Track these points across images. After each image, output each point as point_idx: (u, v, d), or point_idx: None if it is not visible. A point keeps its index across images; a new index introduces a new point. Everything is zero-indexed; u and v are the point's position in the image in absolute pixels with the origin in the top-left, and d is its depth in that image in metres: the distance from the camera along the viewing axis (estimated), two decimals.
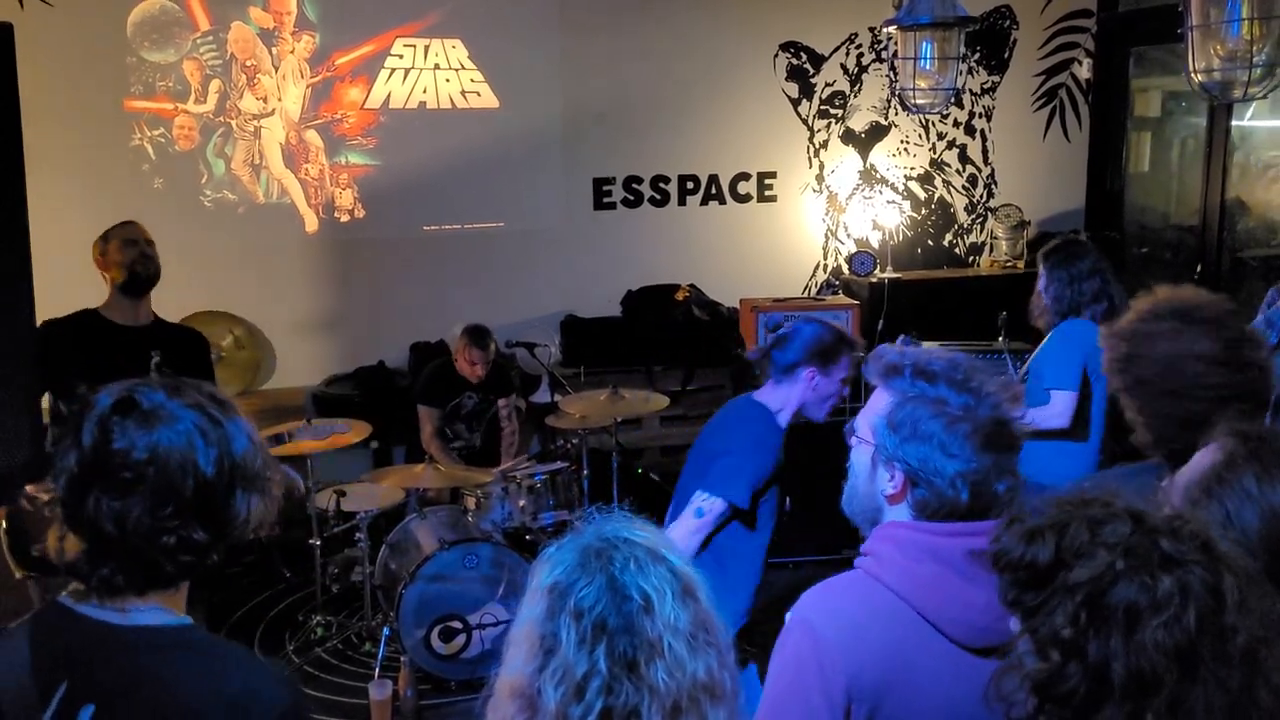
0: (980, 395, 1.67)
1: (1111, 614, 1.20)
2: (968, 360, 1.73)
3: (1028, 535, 1.29)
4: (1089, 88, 7.36)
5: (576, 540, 1.40)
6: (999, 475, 1.67)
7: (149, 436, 1.45)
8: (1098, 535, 1.24)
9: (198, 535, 1.47)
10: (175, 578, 1.51)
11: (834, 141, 7.12)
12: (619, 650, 1.30)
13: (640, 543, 1.38)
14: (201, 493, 1.46)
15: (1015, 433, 1.69)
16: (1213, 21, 3.04)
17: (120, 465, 1.44)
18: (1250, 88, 3.03)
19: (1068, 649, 1.23)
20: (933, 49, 4.01)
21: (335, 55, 6.25)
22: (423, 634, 4.46)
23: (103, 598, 1.49)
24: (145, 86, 5.98)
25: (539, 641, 1.33)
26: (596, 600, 1.32)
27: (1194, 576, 1.19)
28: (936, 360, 1.72)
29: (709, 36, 6.76)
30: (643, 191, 6.88)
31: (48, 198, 5.16)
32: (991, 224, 7.28)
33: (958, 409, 1.67)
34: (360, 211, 6.43)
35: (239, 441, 1.51)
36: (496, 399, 5.65)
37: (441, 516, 4.89)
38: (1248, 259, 6.49)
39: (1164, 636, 1.18)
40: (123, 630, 1.47)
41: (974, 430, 1.66)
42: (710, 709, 1.33)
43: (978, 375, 1.70)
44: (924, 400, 1.69)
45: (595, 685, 1.29)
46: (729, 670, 1.37)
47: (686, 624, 1.34)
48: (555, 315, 6.70)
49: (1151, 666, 1.18)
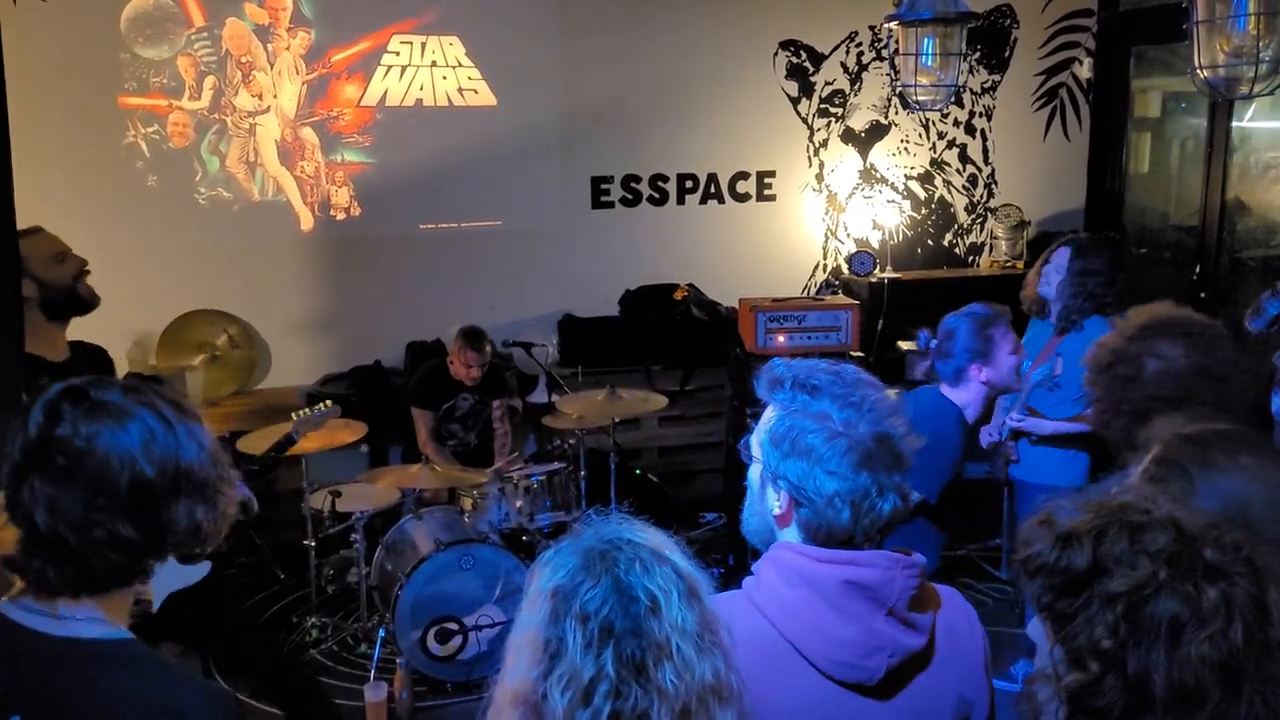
0: (863, 410, 1.60)
1: (1154, 626, 1.17)
2: (854, 373, 1.66)
3: (1062, 539, 1.25)
4: (1089, 87, 7.33)
5: (577, 543, 1.38)
6: (881, 494, 1.58)
7: (91, 427, 1.43)
8: (1138, 542, 1.20)
9: (128, 533, 1.43)
10: (105, 578, 1.48)
11: (834, 140, 7.09)
12: (627, 653, 1.28)
13: (643, 544, 1.36)
14: (137, 491, 1.43)
15: (901, 450, 1.60)
16: (1218, 17, 3.00)
17: (58, 451, 1.42)
18: (1256, 84, 3.00)
19: (1107, 660, 1.19)
20: (934, 45, 3.97)
21: (331, 52, 6.21)
22: (419, 635, 4.43)
23: (38, 596, 1.47)
24: (139, 83, 5.94)
25: (543, 646, 1.30)
26: (603, 603, 1.30)
27: (1239, 589, 1.16)
28: (821, 373, 1.65)
29: (708, 34, 6.73)
30: (641, 190, 6.85)
31: (39, 195, 5.12)
32: (991, 224, 7.26)
33: (839, 424, 1.59)
34: (356, 209, 6.39)
35: (188, 449, 1.48)
36: (491, 400, 5.62)
37: (438, 517, 4.86)
38: (1247, 259, 6.46)
39: (1209, 650, 1.15)
40: (56, 641, 1.45)
41: (853, 446, 1.57)
42: (719, 710, 1.31)
43: (862, 389, 1.62)
44: (805, 414, 1.62)
45: (603, 689, 1.26)
46: (735, 671, 1.35)
47: (693, 625, 1.32)
48: (553, 315, 6.66)
49: (1196, 681, 1.15)
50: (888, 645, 1.57)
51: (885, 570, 1.57)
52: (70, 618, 1.46)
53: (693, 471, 6.64)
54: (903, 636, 1.58)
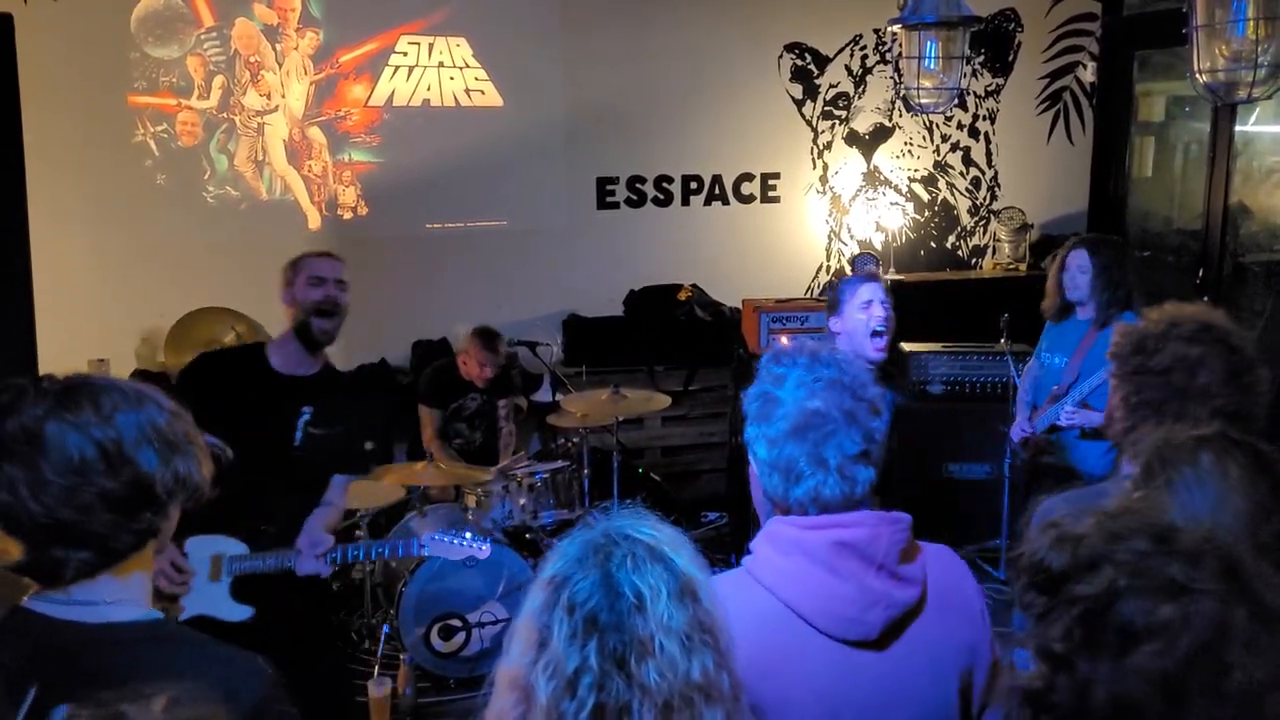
0: (816, 387, 1.64)
1: (1105, 634, 1.17)
2: (836, 357, 1.70)
3: (1056, 540, 1.26)
4: (1093, 91, 7.35)
5: (584, 534, 1.39)
6: (815, 469, 1.63)
7: (36, 409, 1.46)
8: (1112, 550, 1.20)
9: (112, 485, 1.46)
10: (114, 545, 1.49)
11: (838, 143, 7.11)
12: (609, 647, 1.29)
13: (642, 540, 1.37)
14: (105, 450, 1.46)
15: (841, 429, 1.63)
16: (1218, 21, 3.03)
17: (14, 439, 1.44)
18: (1255, 88, 3.03)
19: (1058, 662, 1.20)
20: (937, 48, 4.00)
21: (339, 52, 6.25)
22: (422, 632, 4.46)
23: (55, 586, 1.49)
24: (148, 82, 5.98)
25: (535, 634, 1.33)
26: (589, 595, 1.31)
27: (1199, 606, 1.14)
28: (804, 352, 1.70)
29: (713, 37, 6.76)
30: (646, 191, 6.88)
31: (49, 192, 5.17)
32: (994, 226, 7.27)
33: (789, 397, 1.65)
34: (363, 209, 6.43)
35: (148, 409, 1.52)
36: (498, 399, 5.64)
37: (442, 514, 4.89)
38: (1250, 264, 6.47)
39: (1150, 664, 1.14)
40: (91, 628, 1.47)
41: (786, 416, 1.64)
42: (705, 709, 1.31)
43: (832, 369, 1.67)
44: (768, 383, 1.69)
45: (587, 681, 1.28)
46: (728, 671, 1.35)
47: (681, 624, 1.32)
48: (558, 314, 6.69)
49: (1131, 693, 1.14)
50: (882, 599, 1.62)
51: (872, 529, 1.63)
52: (100, 602, 1.49)
53: (695, 471, 6.66)
54: (896, 590, 1.64)
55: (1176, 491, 1.64)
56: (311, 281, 3.36)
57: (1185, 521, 1.26)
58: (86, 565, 1.48)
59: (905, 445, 5.63)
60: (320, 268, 3.39)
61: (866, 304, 3.58)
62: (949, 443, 5.64)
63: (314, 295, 3.34)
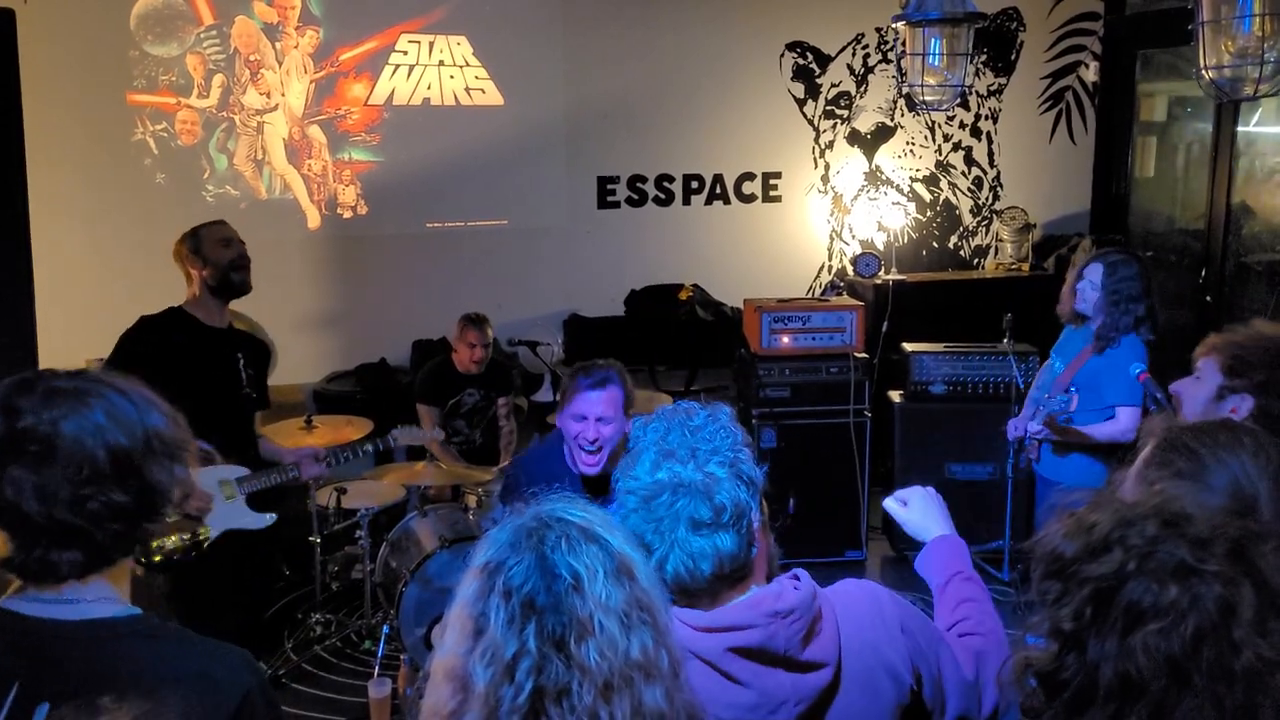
0: (660, 463, 1.60)
1: (1113, 614, 1.20)
2: (702, 422, 1.64)
3: (1070, 529, 1.29)
4: (1095, 91, 7.34)
5: (514, 520, 1.38)
6: (659, 544, 1.56)
7: (53, 411, 1.44)
8: (1124, 535, 1.23)
9: (120, 499, 1.44)
10: (110, 550, 1.48)
11: (839, 142, 7.10)
12: (548, 629, 1.28)
13: (575, 522, 1.36)
14: (116, 458, 1.45)
15: (664, 512, 1.56)
16: (1224, 17, 3.01)
17: (27, 440, 1.42)
18: (1261, 85, 3.01)
19: (1068, 641, 1.23)
20: (941, 45, 3.99)
21: (339, 51, 6.24)
22: (423, 632, 4.42)
23: (43, 585, 1.47)
24: (148, 80, 5.97)
25: (470, 623, 1.31)
26: (525, 579, 1.30)
27: (1206, 589, 1.17)
28: (675, 427, 1.64)
29: (715, 35, 6.75)
30: (647, 190, 6.87)
31: (49, 191, 5.16)
32: (997, 226, 7.25)
33: (640, 474, 1.61)
34: (363, 208, 6.42)
35: (150, 414, 1.51)
36: (497, 397, 5.63)
37: (442, 514, 4.87)
38: (1252, 264, 6.45)
39: (1156, 643, 1.17)
40: (72, 625, 1.46)
41: (635, 491, 1.59)
42: (644, 687, 1.30)
43: (690, 441, 1.61)
44: (637, 459, 1.65)
45: (525, 665, 1.26)
46: (666, 648, 1.34)
47: (619, 603, 1.31)
48: (558, 314, 6.68)
49: (1138, 670, 1.17)
50: (790, 697, 1.56)
51: (764, 629, 1.55)
52: (81, 600, 1.47)
53: None
54: (804, 681, 1.57)
55: (1205, 464, 1.66)
56: (221, 243, 3.80)
57: (1199, 509, 1.28)
58: (78, 567, 1.47)
59: (908, 445, 5.66)
60: (226, 230, 3.88)
61: (580, 418, 3.00)
62: (951, 443, 5.62)
63: (229, 254, 3.79)
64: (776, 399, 5.60)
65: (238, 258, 3.81)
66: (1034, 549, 1.32)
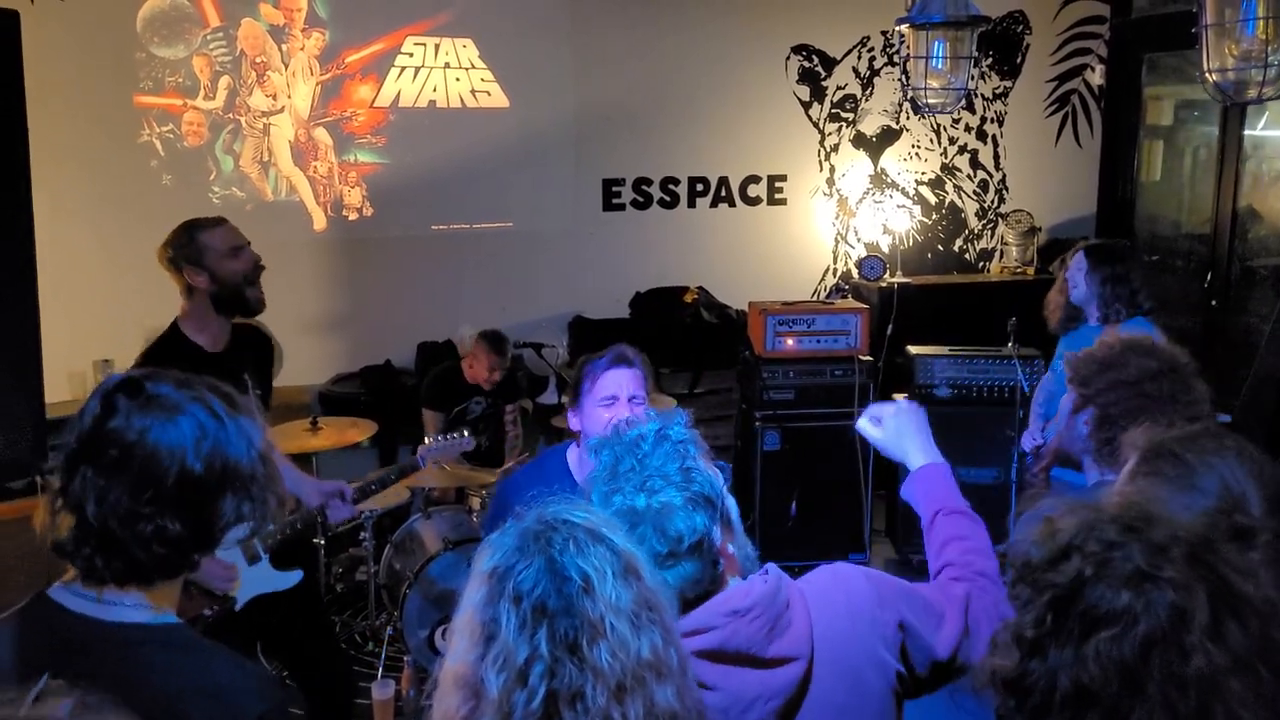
0: (611, 497, 1.58)
1: (1070, 621, 1.20)
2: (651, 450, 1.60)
3: (1040, 534, 1.29)
4: (1101, 94, 7.33)
5: (518, 525, 1.38)
6: None
7: (144, 420, 1.44)
8: (1083, 540, 1.23)
9: (174, 527, 1.45)
10: (151, 571, 1.49)
11: (845, 145, 7.09)
12: (560, 632, 1.28)
13: (580, 524, 1.36)
14: (185, 486, 1.45)
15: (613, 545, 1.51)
16: (1228, 21, 3.00)
17: (111, 443, 1.43)
18: (1265, 88, 3.00)
19: (1031, 648, 1.23)
20: (945, 48, 3.98)
21: (345, 53, 6.25)
22: (426, 634, 4.44)
23: (86, 582, 1.49)
24: (154, 82, 5.98)
25: (480, 629, 1.31)
26: (535, 583, 1.30)
27: (1159, 595, 1.17)
28: (627, 454, 1.62)
29: (720, 38, 6.75)
30: (652, 193, 6.87)
31: (54, 192, 5.17)
32: (1002, 230, 7.25)
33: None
34: (369, 210, 6.42)
35: (237, 445, 1.50)
36: (505, 404, 5.62)
37: (446, 517, 4.88)
38: (1258, 268, 6.44)
39: (1108, 650, 1.17)
40: (104, 625, 1.47)
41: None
42: (656, 686, 1.30)
43: (635, 475, 1.59)
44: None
45: (538, 670, 1.26)
46: (674, 647, 1.35)
47: (629, 603, 1.31)
48: (563, 316, 6.69)
49: (1091, 678, 1.17)
50: (760, 695, 1.55)
51: (722, 630, 1.54)
52: (118, 603, 1.48)
53: None
54: (773, 678, 1.56)
55: (1195, 470, 1.68)
56: (230, 253, 3.21)
57: (1179, 512, 1.30)
58: (119, 575, 1.48)
59: None
60: (234, 236, 3.25)
61: (609, 400, 2.77)
62: (955, 447, 5.57)
63: (240, 265, 3.21)
64: (780, 401, 5.60)
65: (251, 270, 3.23)
66: (1007, 556, 1.33)
